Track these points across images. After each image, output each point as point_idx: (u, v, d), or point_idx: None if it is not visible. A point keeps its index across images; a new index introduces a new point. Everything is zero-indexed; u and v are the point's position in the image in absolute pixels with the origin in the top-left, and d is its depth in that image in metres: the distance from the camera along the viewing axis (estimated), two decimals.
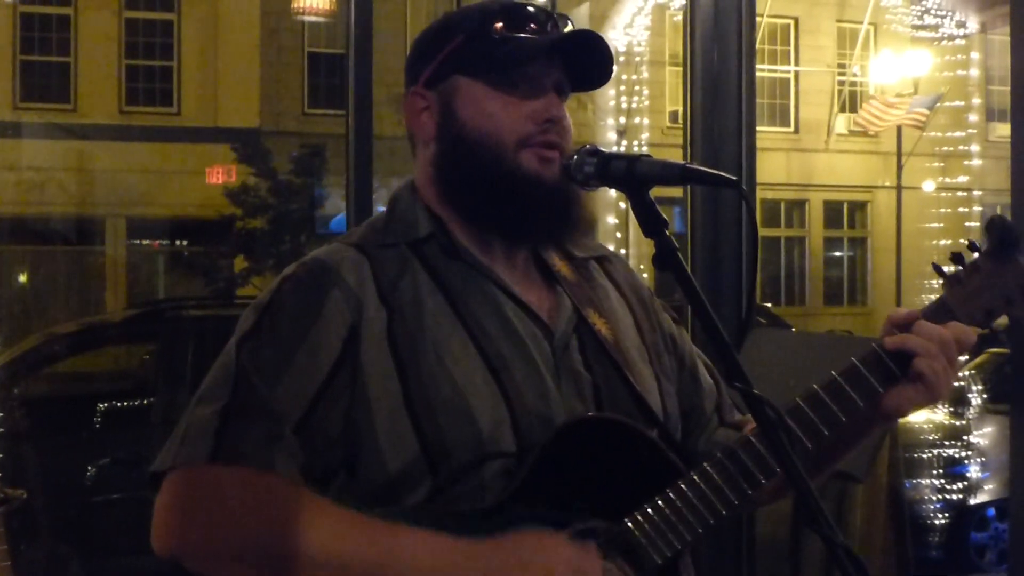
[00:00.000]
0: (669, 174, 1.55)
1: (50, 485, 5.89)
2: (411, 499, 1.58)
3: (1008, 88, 3.28)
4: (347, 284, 1.64)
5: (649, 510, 1.60)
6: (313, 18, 17.83)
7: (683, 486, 1.62)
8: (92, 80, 20.22)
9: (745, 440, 1.63)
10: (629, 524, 1.60)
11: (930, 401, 1.65)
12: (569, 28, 1.74)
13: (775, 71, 23.73)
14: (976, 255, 1.72)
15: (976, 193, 21.70)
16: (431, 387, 1.60)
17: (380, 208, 1.91)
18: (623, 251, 16.47)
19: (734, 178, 1.55)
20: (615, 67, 1.77)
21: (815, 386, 1.65)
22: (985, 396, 8.11)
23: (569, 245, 1.82)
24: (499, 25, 1.70)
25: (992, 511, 7.93)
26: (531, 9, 1.73)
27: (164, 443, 1.60)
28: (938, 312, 1.70)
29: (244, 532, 1.53)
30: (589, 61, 1.74)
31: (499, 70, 1.69)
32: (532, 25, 1.71)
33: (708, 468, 1.62)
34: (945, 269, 1.77)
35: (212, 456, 1.54)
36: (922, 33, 21.38)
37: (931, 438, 7.80)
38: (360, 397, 1.60)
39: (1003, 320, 1.76)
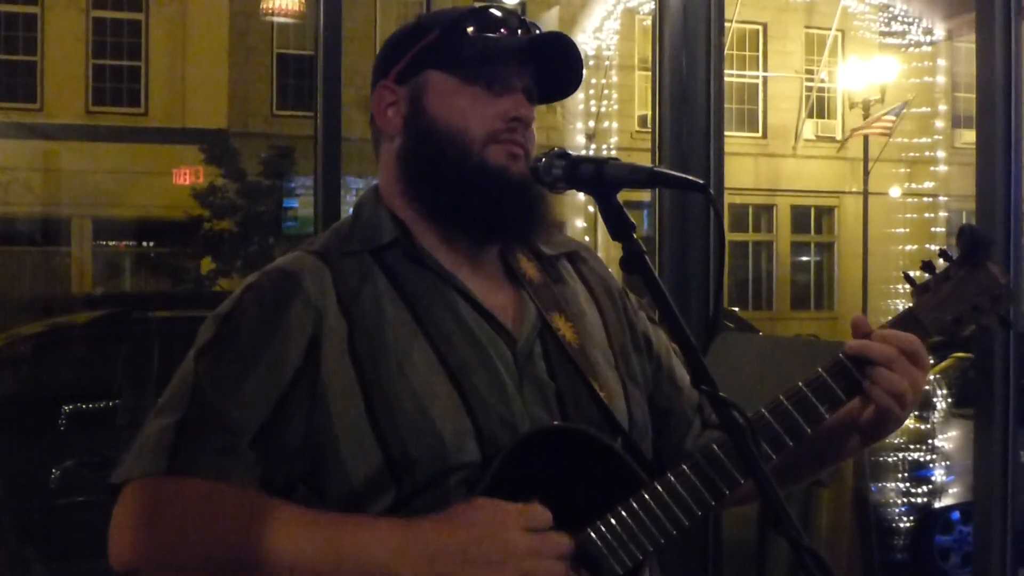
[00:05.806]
0: (637, 177, 1.54)
1: (14, 487, 5.84)
2: (374, 510, 1.57)
3: (974, 95, 3.30)
4: (308, 295, 1.63)
5: (612, 520, 1.59)
6: (282, 19, 17.80)
7: (647, 496, 1.61)
8: (59, 80, 20.10)
9: (710, 450, 1.63)
10: (591, 533, 1.58)
11: (902, 400, 1.65)
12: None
13: (743, 76, 23.86)
14: (946, 263, 1.73)
15: (942, 199, 21.86)
16: (392, 397, 1.58)
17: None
18: None
19: (702, 182, 1.55)
20: (584, 72, 1.78)
21: (780, 396, 1.66)
22: (949, 400, 8.16)
23: (539, 242, 1.81)
24: (471, 29, 1.71)
25: (957, 514, 7.97)
26: (503, 15, 1.74)
27: (129, 447, 1.59)
28: (905, 323, 1.70)
29: (201, 542, 1.51)
30: (560, 66, 1.74)
31: (472, 65, 1.69)
32: (503, 30, 1.72)
33: (672, 479, 1.62)
34: (913, 274, 1.77)
35: (168, 468, 1.53)
36: (889, 40, 21.55)
37: (896, 442, 7.84)
38: (320, 408, 1.58)
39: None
